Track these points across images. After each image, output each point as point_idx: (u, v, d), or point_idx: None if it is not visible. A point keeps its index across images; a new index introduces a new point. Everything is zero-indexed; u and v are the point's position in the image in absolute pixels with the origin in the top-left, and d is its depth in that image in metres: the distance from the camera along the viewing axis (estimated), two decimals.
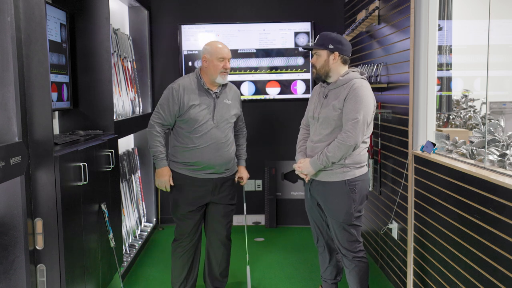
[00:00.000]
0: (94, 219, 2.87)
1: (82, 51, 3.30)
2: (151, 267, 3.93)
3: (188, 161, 2.94)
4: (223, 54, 2.91)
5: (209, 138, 2.91)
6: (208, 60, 2.92)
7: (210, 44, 2.96)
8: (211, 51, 2.92)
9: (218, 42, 2.98)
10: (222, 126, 2.96)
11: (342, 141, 2.67)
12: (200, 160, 2.92)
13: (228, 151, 3.00)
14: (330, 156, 2.70)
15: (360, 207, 2.81)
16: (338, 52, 2.76)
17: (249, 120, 5.11)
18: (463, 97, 3.91)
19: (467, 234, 2.38)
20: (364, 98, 2.68)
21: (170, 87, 2.95)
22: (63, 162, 2.39)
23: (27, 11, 2.22)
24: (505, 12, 3.68)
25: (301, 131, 3.06)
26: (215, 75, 2.91)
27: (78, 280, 2.58)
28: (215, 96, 2.95)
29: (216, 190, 3.01)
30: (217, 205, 3.05)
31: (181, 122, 2.94)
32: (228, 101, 3.00)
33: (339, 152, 2.68)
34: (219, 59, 2.90)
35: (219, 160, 2.95)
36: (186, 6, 4.99)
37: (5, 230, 2.03)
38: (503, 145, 2.50)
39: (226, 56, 2.92)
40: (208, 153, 2.91)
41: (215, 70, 2.91)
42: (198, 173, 2.96)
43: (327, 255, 3.07)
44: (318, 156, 2.74)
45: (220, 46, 2.94)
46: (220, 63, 2.90)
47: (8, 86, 1.96)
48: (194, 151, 2.92)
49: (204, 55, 2.94)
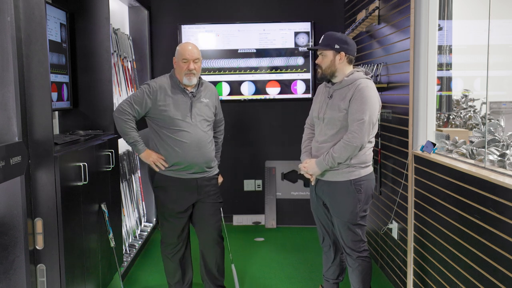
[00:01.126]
0: (94, 219, 2.87)
1: (82, 51, 3.30)
2: (151, 267, 3.93)
3: (170, 162, 2.94)
4: (185, 56, 2.91)
5: (188, 137, 2.91)
6: (175, 62, 2.97)
7: (179, 45, 3.00)
8: (177, 52, 2.96)
9: (187, 44, 2.98)
10: (201, 124, 2.97)
11: (348, 141, 2.67)
12: (181, 159, 2.92)
13: (209, 150, 3.01)
14: (336, 156, 2.69)
15: (366, 206, 2.81)
16: (344, 52, 2.76)
17: (249, 120, 5.13)
18: (463, 97, 3.91)
19: (467, 234, 2.38)
20: (370, 99, 2.68)
21: (147, 83, 2.98)
22: (63, 162, 2.39)
23: (27, 11, 2.22)
24: (505, 12, 3.68)
25: (305, 130, 3.06)
26: (180, 77, 2.94)
27: (78, 280, 2.58)
28: (191, 95, 2.97)
29: (202, 189, 3.02)
30: (204, 204, 3.05)
31: (160, 121, 2.93)
32: (205, 99, 3.02)
33: (345, 152, 2.68)
34: (182, 60, 2.91)
35: (200, 159, 2.96)
36: (186, 6, 4.99)
37: (5, 230, 2.03)
38: (503, 145, 2.50)
39: (189, 58, 2.90)
40: (188, 152, 2.92)
41: (180, 71, 2.94)
42: (181, 173, 2.96)
43: (331, 255, 3.08)
44: (324, 156, 2.74)
45: (189, 47, 2.94)
46: (184, 65, 2.91)
47: (8, 86, 1.96)
48: (174, 151, 2.92)
49: (174, 56, 2.98)
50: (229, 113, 5.04)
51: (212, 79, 4.97)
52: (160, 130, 2.95)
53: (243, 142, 5.13)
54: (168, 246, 3.10)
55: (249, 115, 5.12)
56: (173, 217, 3.03)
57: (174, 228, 3.06)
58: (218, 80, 4.99)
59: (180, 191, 2.99)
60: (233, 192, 5.14)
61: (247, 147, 5.15)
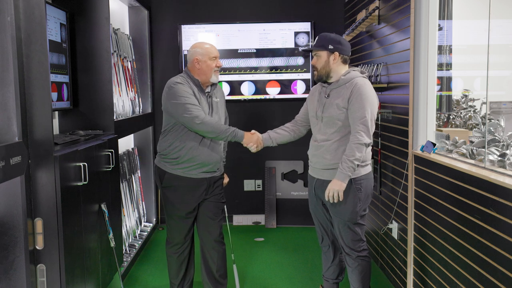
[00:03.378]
0: (94, 219, 2.87)
1: (82, 51, 3.30)
2: (151, 267, 3.93)
3: (184, 159, 2.93)
4: (214, 53, 2.99)
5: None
6: (201, 61, 2.96)
7: (198, 46, 3.01)
8: (202, 52, 2.97)
9: (205, 43, 3.04)
10: None
11: (358, 141, 2.67)
12: (196, 156, 2.93)
13: (221, 150, 3.08)
14: (353, 159, 2.67)
15: (365, 205, 2.82)
16: (338, 52, 2.78)
17: (249, 120, 5.12)
18: (463, 97, 3.91)
19: (467, 234, 2.38)
20: (369, 96, 2.71)
21: (176, 83, 2.89)
22: (63, 162, 2.39)
23: (27, 11, 2.22)
24: (505, 12, 3.68)
25: (288, 123, 3.12)
26: (209, 74, 2.97)
27: (78, 280, 2.58)
28: (207, 95, 3.01)
29: (210, 189, 3.04)
30: (209, 203, 3.06)
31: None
32: (217, 99, 3.07)
33: (358, 152, 2.67)
34: (211, 58, 2.97)
35: (214, 158, 2.99)
36: (186, 6, 4.99)
37: (5, 230, 2.03)
38: (503, 145, 2.50)
39: (217, 55, 3.01)
40: (205, 150, 2.94)
41: (209, 69, 2.96)
42: (191, 172, 2.96)
43: (331, 255, 3.08)
44: (341, 167, 2.68)
45: (209, 46, 3.01)
46: (213, 62, 2.97)
47: (8, 86, 1.96)
48: (192, 148, 2.92)
49: (196, 57, 2.97)
50: (229, 113, 4.99)
51: None
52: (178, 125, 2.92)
53: None
54: (174, 246, 3.10)
55: (249, 115, 5.12)
56: (182, 217, 3.04)
57: (182, 228, 3.06)
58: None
59: (190, 190, 2.99)
60: (233, 192, 5.13)
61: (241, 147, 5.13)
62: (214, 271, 3.13)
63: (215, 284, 3.14)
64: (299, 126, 3.11)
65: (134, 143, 4.75)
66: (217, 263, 3.12)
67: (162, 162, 3.01)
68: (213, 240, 3.10)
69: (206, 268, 3.14)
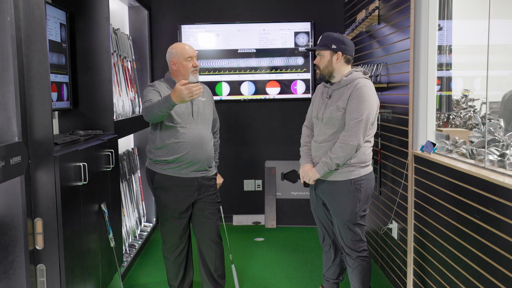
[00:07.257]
0: (94, 219, 2.87)
1: (82, 51, 3.30)
2: (151, 267, 3.93)
3: (173, 158, 2.93)
4: (189, 53, 2.99)
5: (193, 134, 2.94)
6: (176, 63, 2.99)
7: (173, 47, 3.03)
8: (177, 53, 2.99)
9: (180, 44, 3.07)
10: (202, 122, 3.01)
11: (344, 140, 2.68)
12: (185, 154, 2.93)
13: (210, 148, 3.06)
14: (334, 157, 2.70)
15: (365, 206, 2.82)
16: (341, 52, 2.77)
17: (249, 120, 5.13)
18: (463, 97, 3.91)
19: (467, 234, 2.38)
20: (368, 98, 2.69)
21: (150, 85, 3.00)
22: (63, 162, 2.39)
23: (27, 11, 2.22)
24: (505, 12, 3.68)
25: (304, 130, 3.06)
26: (187, 75, 2.98)
27: (78, 280, 2.58)
28: None
29: (202, 188, 3.03)
30: (203, 203, 3.07)
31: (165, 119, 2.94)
32: (203, 98, 3.06)
33: (342, 152, 2.68)
34: (186, 59, 2.98)
35: (203, 156, 2.98)
36: (186, 6, 4.99)
37: (5, 230, 2.03)
38: (503, 145, 2.50)
39: (193, 54, 3.00)
40: (192, 148, 2.94)
41: (185, 70, 2.98)
42: (182, 172, 2.96)
43: (332, 254, 3.08)
44: (322, 160, 2.75)
45: (184, 46, 3.02)
46: (189, 63, 2.98)
47: (8, 86, 1.96)
48: (179, 147, 2.92)
49: (172, 59, 3.00)
50: (229, 113, 5.06)
51: (212, 79, 4.97)
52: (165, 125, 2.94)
53: (243, 142, 5.13)
54: (170, 248, 3.10)
55: (249, 115, 5.12)
56: (175, 218, 3.03)
57: (175, 229, 3.06)
58: (218, 80, 4.99)
59: (182, 190, 2.99)
60: (233, 192, 5.14)
61: (247, 147, 5.15)
62: (212, 271, 3.13)
63: (214, 284, 3.14)
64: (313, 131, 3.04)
65: (134, 143, 4.75)
66: (215, 263, 3.12)
67: (152, 163, 3.03)
68: (210, 240, 3.10)
69: (205, 268, 3.14)
